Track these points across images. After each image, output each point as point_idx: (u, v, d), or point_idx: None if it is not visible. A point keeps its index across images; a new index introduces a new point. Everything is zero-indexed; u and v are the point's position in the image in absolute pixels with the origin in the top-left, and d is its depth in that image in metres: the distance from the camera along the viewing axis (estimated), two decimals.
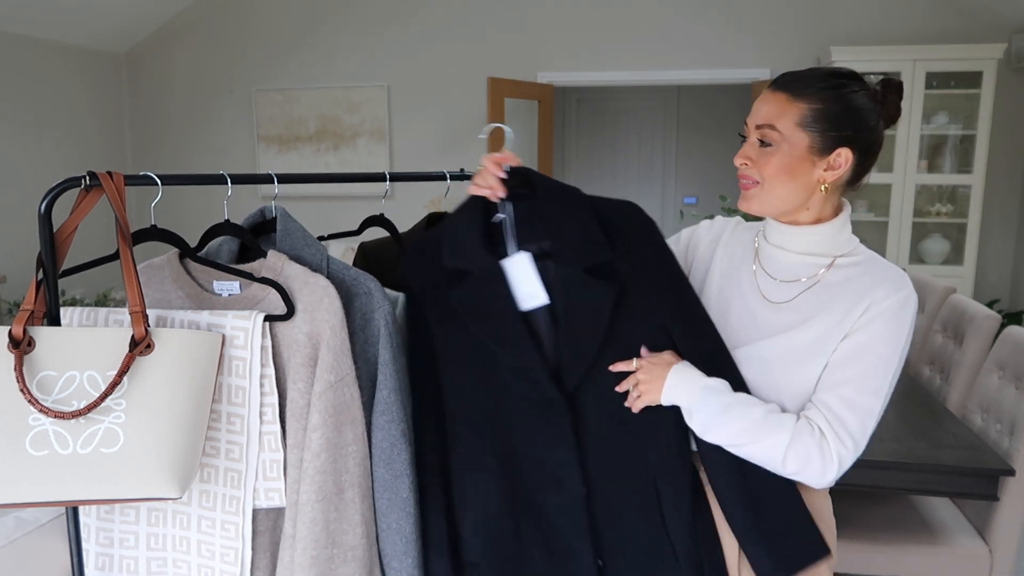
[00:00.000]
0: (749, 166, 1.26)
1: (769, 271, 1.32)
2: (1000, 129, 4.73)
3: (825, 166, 1.24)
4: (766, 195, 1.26)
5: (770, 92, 1.25)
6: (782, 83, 1.24)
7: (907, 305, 1.22)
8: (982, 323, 2.77)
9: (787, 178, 1.23)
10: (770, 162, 1.23)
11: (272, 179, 1.39)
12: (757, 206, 1.27)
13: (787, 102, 1.22)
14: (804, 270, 1.29)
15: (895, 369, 1.22)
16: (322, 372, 1.28)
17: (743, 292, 1.32)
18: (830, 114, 1.21)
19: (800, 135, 1.22)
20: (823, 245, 1.28)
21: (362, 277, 1.37)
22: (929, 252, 4.79)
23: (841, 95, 1.22)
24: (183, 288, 1.37)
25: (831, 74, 1.24)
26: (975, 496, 2.11)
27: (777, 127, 1.22)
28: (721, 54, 5.06)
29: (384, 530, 1.34)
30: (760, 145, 1.24)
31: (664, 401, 1.25)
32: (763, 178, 1.24)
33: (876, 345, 1.20)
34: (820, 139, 1.22)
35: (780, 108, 1.22)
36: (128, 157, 6.02)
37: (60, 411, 1.11)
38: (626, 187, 6.87)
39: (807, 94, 1.22)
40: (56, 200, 1.18)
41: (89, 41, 5.50)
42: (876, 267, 1.27)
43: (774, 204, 1.27)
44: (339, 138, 5.63)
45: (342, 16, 5.54)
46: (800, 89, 1.22)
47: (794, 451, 1.19)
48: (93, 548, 1.40)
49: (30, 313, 1.17)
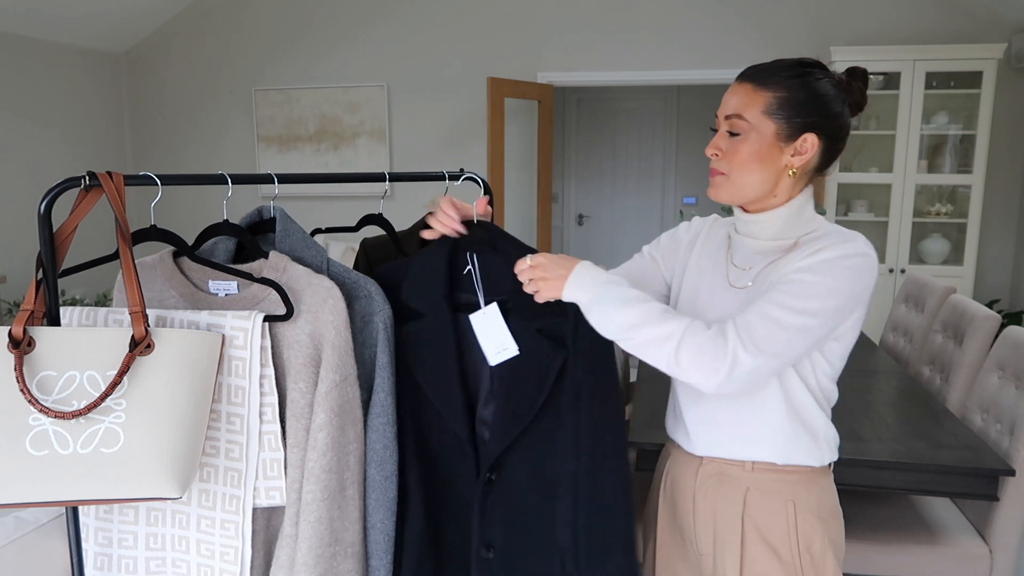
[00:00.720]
0: (719, 157, 1.29)
1: (737, 262, 1.34)
2: (1000, 129, 4.73)
3: (792, 152, 1.27)
4: (733, 183, 1.29)
5: (737, 83, 1.29)
6: (748, 74, 1.28)
7: (851, 256, 1.21)
8: (982, 323, 2.77)
9: (756, 165, 1.27)
10: (739, 150, 1.26)
11: (272, 179, 1.39)
12: (727, 195, 1.31)
13: (753, 91, 1.26)
14: (770, 255, 1.31)
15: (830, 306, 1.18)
16: (327, 372, 1.30)
17: (712, 284, 1.35)
18: (795, 101, 1.25)
19: (767, 123, 1.25)
20: (787, 227, 1.30)
21: (363, 280, 1.37)
22: (929, 252, 4.79)
23: (805, 83, 1.26)
24: (176, 287, 1.37)
25: (796, 63, 1.28)
26: (975, 496, 2.11)
27: (745, 116, 1.26)
28: (721, 54, 5.06)
29: (369, 528, 1.37)
30: (730, 135, 1.28)
31: (565, 296, 1.24)
32: (731, 167, 1.28)
33: (804, 275, 1.20)
34: (786, 126, 1.26)
35: (747, 98, 1.26)
36: (128, 157, 6.02)
37: (60, 411, 1.11)
38: (626, 187, 6.87)
39: (772, 83, 1.25)
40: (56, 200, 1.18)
41: (89, 41, 5.50)
42: (832, 232, 1.28)
43: (743, 192, 1.30)
44: (339, 138, 5.63)
45: (342, 16, 5.54)
46: (765, 79, 1.26)
47: (688, 341, 1.16)
48: (92, 548, 1.40)
49: (30, 313, 1.17)
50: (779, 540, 1.29)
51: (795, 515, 1.30)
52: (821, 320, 1.19)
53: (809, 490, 1.32)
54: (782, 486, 1.30)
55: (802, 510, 1.30)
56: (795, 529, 1.29)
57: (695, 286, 1.39)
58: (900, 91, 4.55)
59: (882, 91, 4.67)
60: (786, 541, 1.29)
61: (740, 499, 1.31)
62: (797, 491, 1.30)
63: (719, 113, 1.31)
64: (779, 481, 1.30)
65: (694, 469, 1.38)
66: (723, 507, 1.33)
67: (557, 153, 6.69)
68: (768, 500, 1.30)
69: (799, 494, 1.30)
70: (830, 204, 4.71)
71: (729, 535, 1.32)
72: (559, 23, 5.28)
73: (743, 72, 1.29)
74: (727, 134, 1.28)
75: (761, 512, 1.30)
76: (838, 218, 4.81)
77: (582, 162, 6.92)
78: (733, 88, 1.29)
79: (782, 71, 1.26)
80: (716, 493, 1.34)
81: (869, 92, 5.14)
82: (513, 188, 5.19)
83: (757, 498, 1.31)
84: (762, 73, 1.27)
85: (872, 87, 4.70)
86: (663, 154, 6.77)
